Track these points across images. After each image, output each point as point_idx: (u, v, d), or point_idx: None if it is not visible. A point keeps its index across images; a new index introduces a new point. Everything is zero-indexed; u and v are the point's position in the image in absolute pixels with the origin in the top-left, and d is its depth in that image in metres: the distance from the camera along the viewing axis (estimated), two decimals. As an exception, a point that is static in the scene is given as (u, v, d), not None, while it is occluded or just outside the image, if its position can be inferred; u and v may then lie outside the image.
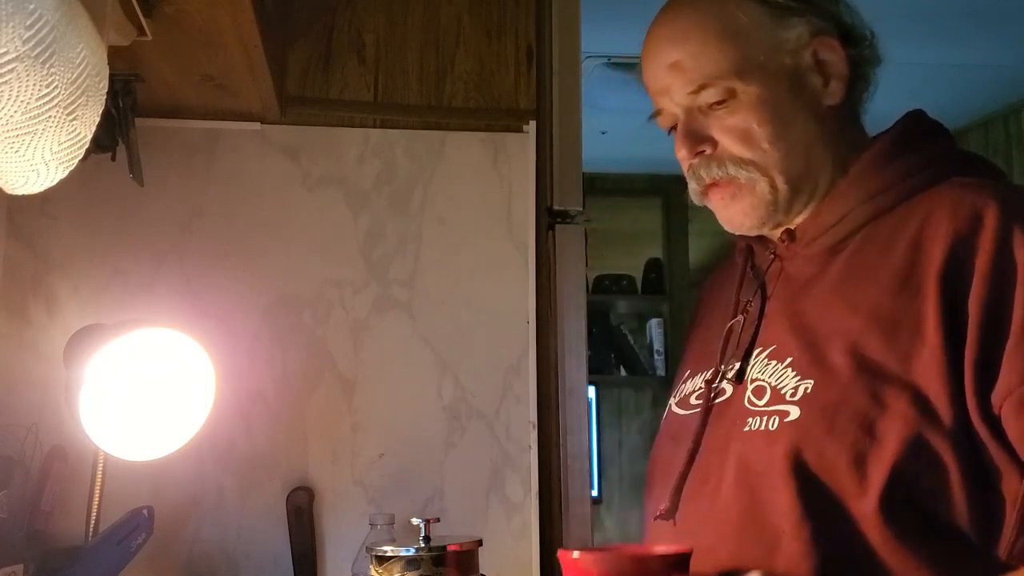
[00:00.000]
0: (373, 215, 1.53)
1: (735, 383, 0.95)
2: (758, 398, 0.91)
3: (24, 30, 0.71)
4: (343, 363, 1.48)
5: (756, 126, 0.94)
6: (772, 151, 0.94)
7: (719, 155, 0.96)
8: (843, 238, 0.94)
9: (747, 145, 0.94)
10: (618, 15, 2.51)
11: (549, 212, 1.58)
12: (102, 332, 1.19)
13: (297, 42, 1.56)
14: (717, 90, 0.94)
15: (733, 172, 0.95)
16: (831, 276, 0.93)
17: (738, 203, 0.97)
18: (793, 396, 0.87)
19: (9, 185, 0.84)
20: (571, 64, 1.64)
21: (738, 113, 0.94)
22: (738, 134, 0.94)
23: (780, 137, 0.94)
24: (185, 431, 1.23)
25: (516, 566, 1.46)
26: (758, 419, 0.89)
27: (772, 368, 0.91)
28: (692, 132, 0.97)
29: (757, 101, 0.94)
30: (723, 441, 0.92)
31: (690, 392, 1.03)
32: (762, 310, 0.98)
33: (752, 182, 0.95)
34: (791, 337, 0.91)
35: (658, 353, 4.20)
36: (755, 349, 0.95)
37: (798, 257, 0.97)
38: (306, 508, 1.42)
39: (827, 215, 0.95)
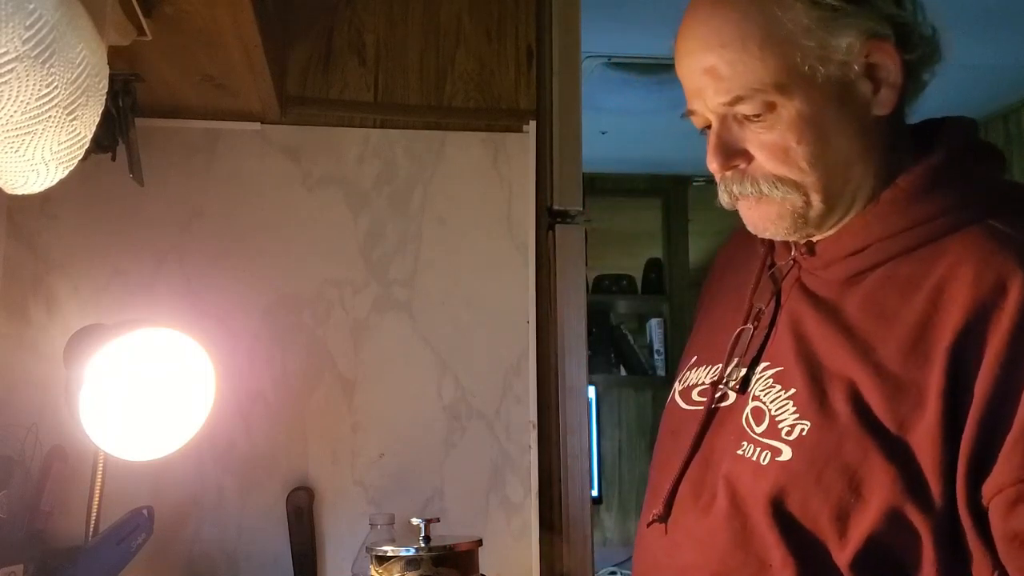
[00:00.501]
0: (373, 215, 1.53)
1: (738, 391, 0.94)
2: (756, 423, 0.89)
3: (24, 30, 0.71)
4: (343, 363, 1.48)
5: (795, 144, 0.87)
6: (810, 172, 0.87)
7: (752, 171, 0.90)
8: (862, 271, 0.90)
9: (784, 164, 0.88)
10: (618, 15, 2.52)
11: (549, 212, 1.58)
12: (102, 332, 1.19)
13: (297, 42, 1.56)
14: (755, 103, 0.86)
15: (767, 190, 0.89)
16: (845, 312, 0.89)
17: (765, 208, 0.91)
18: (788, 435, 0.86)
19: (9, 185, 0.84)
20: (571, 64, 1.64)
21: (776, 129, 0.87)
22: (775, 151, 0.88)
23: (819, 157, 0.87)
24: (185, 431, 1.23)
25: (516, 566, 1.46)
26: (752, 448, 0.88)
27: (775, 393, 0.89)
28: (725, 145, 0.90)
29: (798, 117, 0.86)
30: (719, 454, 0.92)
31: (694, 385, 1.01)
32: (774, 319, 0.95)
33: (785, 199, 0.89)
34: (797, 366, 0.89)
35: (658, 353, 4.19)
36: (762, 361, 0.93)
37: (815, 274, 0.94)
38: (306, 508, 1.42)
39: (848, 241, 0.91)
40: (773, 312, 0.96)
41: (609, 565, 3.71)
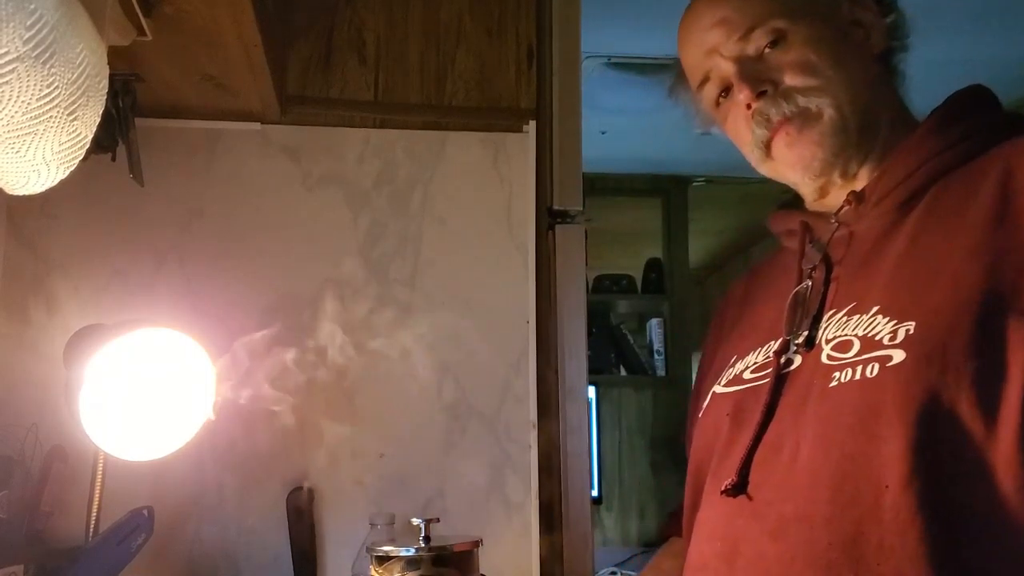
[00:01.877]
0: (373, 215, 1.53)
1: (805, 350, 0.88)
2: (843, 352, 0.83)
3: (24, 30, 0.71)
4: (343, 363, 1.48)
5: (815, 57, 0.92)
6: (836, 76, 0.92)
7: (783, 91, 0.93)
8: (914, 193, 0.89)
9: (811, 74, 0.92)
10: (618, 15, 2.52)
11: (549, 212, 1.58)
12: (102, 332, 1.19)
13: (297, 42, 1.56)
14: (766, 31, 0.94)
15: (803, 103, 0.92)
16: (906, 228, 0.87)
17: (807, 135, 0.93)
18: (893, 340, 0.79)
19: (10, 186, 0.84)
20: (571, 64, 1.64)
21: (793, 48, 0.93)
22: (799, 67, 0.93)
23: (841, 66, 0.92)
24: (185, 431, 1.23)
25: (516, 566, 1.46)
26: (848, 371, 0.81)
27: (856, 321, 0.84)
28: (750, 74, 0.95)
29: (809, 39, 0.93)
30: (798, 407, 0.85)
31: (743, 369, 0.96)
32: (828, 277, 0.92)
33: (821, 109, 0.92)
34: (873, 289, 0.85)
35: (658, 353, 4.19)
36: (826, 312, 0.89)
37: (866, 218, 0.92)
38: (306, 508, 1.42)
39: (895, 171, 0.91)
40: (826, 272, 0.93)
41: (609, 565, 3.71)
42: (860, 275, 0.89)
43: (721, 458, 0.91)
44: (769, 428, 0.86)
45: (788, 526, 0.79)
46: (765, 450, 0.85)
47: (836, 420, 0.80)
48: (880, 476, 0.75)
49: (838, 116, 0.92)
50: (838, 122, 0.92)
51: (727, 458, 0.89)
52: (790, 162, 0.95)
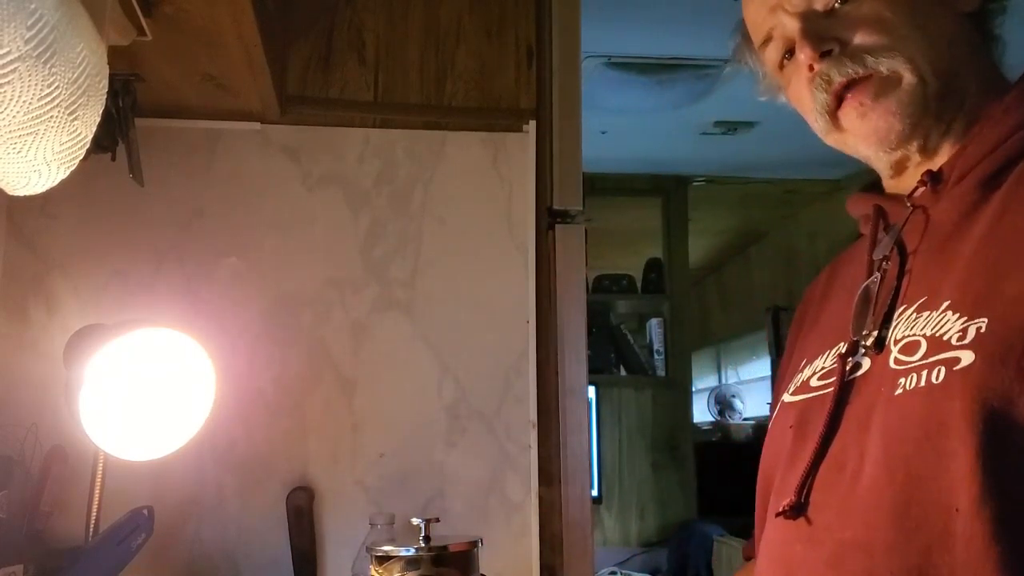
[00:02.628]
0: (373, 215, 1.53)
1: (874, 352, 0.78)
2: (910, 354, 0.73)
3: (26, 30, 0.71)
4: (343, 363, 1.48)
5: (891, 14, 0.81)
6: (914, 35, 0.80)
7: (852, 51, 0.82)
8: (999, 169, 0.78)
9: (884, 32, 0.81)
10: (618, 15, 2.52)
11: (549, 212, 1.58)
12: (102, 332, 1.19)
13: (297, 42, 1.56)
14: None
15: (872, 64, 0.81)
16: (990, 208, 0.76)
17: (883, 102, 0.81)
18: (962, 339, 0.69)
19: (11, 186, 0.84)
20: (571, 64, 1.64)
21: (866, 3, 0.82)
22: (872, 23, 0.81)
23: (919, 26, 0.81)
24: (185, 431, 1.23)
25: (516, 566, 1.46)
26: (914, 376, 0.71)
27: (925, 319, 0.75)
28: (814, 31, 0.83)
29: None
30: (863, 419, 0.75)
31: (811, 375, 0.86)
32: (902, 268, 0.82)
33: (896, 73, 0.81)
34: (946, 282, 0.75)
35: (658, 353, 4.19)
36: (898, 309, 0.79)
37: (944, 199, 0.81)
38: (306, 508, 1.42)
39: (978, 146, 0.80)
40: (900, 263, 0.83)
41: (609, 565, 3.72)
42: (935, 265, 0.78)
43: (784, 475, 0.83)
44: (833, 442, 0.77)
45: (846, 554, 0.71)
46: (828, 467, 0.76)
47: (900, 433, 0.70)
48: (949, 498, 0.66)
49: (917, 81, 0.80)
50: (917, 88, 0.80)
51: (789, 475, 0.81)
52: (863, 134, 0.84)
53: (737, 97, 3.15)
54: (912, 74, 0.80)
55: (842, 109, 0.84)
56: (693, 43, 2.79)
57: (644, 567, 3.83)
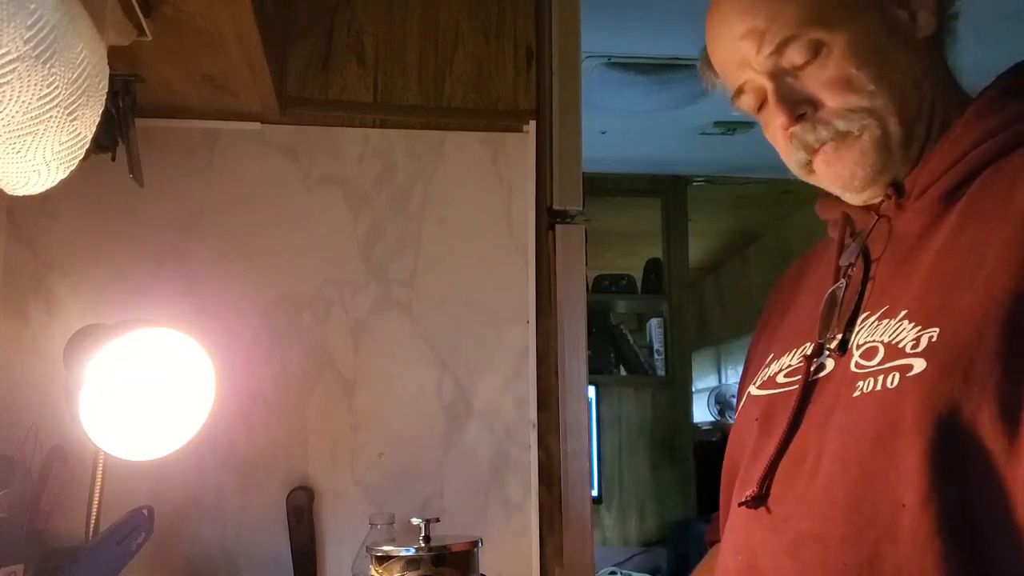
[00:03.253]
0: (373, 215, 1.53)
1: (838, 355, 0.83)
2: (869, 359, 0.78)
3: (25, 30, 0.71)
4: (343, 363, 1.48)
5: (855, 70, 0.84)
6: (879, 92, 0.84)
7: (822, 115, 0.86)
8: (958, 183, 0.82)
9: (851, 92, 0.84)
10: (618, 15, 2.52)
11: (549, 212, 1.58)
12: (102, 332, 1.19)
13: (297, 42, 1.56)
14: (802, 44, 0.85)
15: (844, 127, 0.85)
16: (948, 222, 0.80)
17: (847, 153, 0.86)
18: (915, 348, 0.73)
19: (10, 186, 0.84)
20: (571, 64, 1.64)
21: (833, 63, 0.85)
22: (838, 84, 0.85)
23: (884, 77, 0.84)
24: (185, 431, 1.23)
25: (516, 566, 1.47)
26: (871, 380, 0.76)
27: (884, 326, 0.79)
28: (787, 95, 0.87)
29: (849, 46, 0.84)
30: (824, 418, 0.80)
31: (777, 371, 0.91)
32: (866, 275, 0.87)
33: (860, 130, 0.85)
34: (905, 292, 0.79)
35: (658, 353, 4.19)
36: (861, 315, 0.83)
37: (907, 211, 0.86)
38: (306, 508, 1.42)
39: (939, 161, 0.84)
40: (864, 270, 0.87)
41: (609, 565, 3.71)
42: (897, 275, 0.83)
43: (748, 466, 0.88)
44: (795, 438, 0.82)
45: (804, 544, 0.76)
46: (789, 461, 0.81)
47: (856, 433, 0.75)
48: (898, 495, 0.70)
49: (880, 134, 0.85)
50: (880, 139, 0.85)
51: (753, 466, 0.86)
52: (829, 179, 0.90)
53: (737, 97, 3.14)
54: (877, 127, 0.85)
55: (814, 160, 0.89)
56: (693, 43, 2.77)
57: (643, 567, 3.83)
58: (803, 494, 0.78)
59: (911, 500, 0.69)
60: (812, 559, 0.75)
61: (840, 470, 0.75)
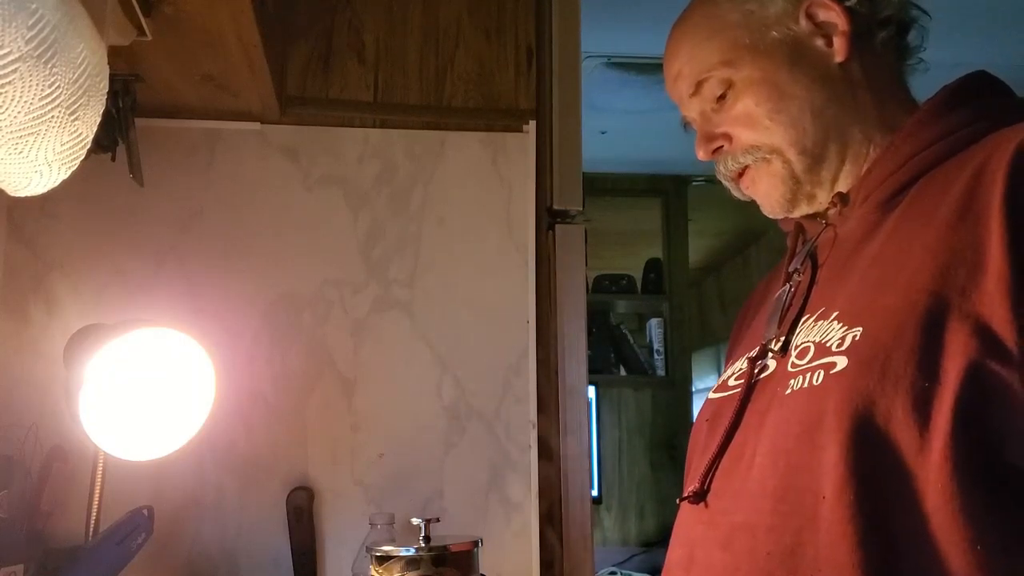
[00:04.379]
0: (373, 215, 1.53)
1: (779, 356, 0.88)
2: (801, 358, 0.83)
3: (27, 30, 0.71)
4: (343, 363, 1.48)
5: (755, 106, 0.94)
6: (774, 127, 0.93)
7: (733, 148, 0.97)
8: (897, 191, 0.87)
9: (752, 128, 0.94)
10: (618, 15, 2.52)
11: (549, 212, 1.58)
12: (102, 332, 1.19)
13: (297, 42, 1.56)
14: (713, 83, 0.96)
15: (744, 160, 0.96)
16: (885, 228, 0.86)
17: (760, 184, 0.97)
18: (840, 346, 0.78)
19: (12, 187, 0.84)
20: (571, 64, 1.64)
21: (739, 100, 0.95)
22: (742, 120, 0.95)
23: (779, 111, 0.93)
24: (185, 431, 1.23)
25: (516, 566, 1.47)
26: (801, 377, 0.81)
27: (818, 327, 0.84)
28: (705, 133, 0.99)
29: (750, 83, 0.94)
30: (761, 416, 0.85)
31: (729, 375, 0.97)
32: (812, 280, 0.93)
33: (765, 162, 0.95)
34: (839, 295, 0.85)
35: (658, 353, 4.19)
36: (803, 317, 0.89)
37: (851, 219, 0.92)
38: (306, 508, 1.42)
39: (880, 170, 0.90)
40: (811, 274, 0.93)
41: (609, 565, 3.71)
42: (836, 279, 0.89)
43: (695, 464, 0.94)
44: (736, 435, 0.87)
45: (735, 535, 0.80)
46: (728, 458, 0.87)
47: (785, 428, 0.80)
48: (819, 486, 0.74)
49: (782, 163, 0.94)
50: (783, 168, 0.94)
51: (698, 464, 0.91)
52: (762, 207, 1.00)
53: (737, 97, 3.14)
54: (777, 159, 0.94)
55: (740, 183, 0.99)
56: (693, 43, 2.78)
57: (643, 567, 3.83)
58: (739, 489, 0.83)
59: (829, 491, 0.73)
60: (742, 549, 0.79)
61: (770, 463, 0.80)
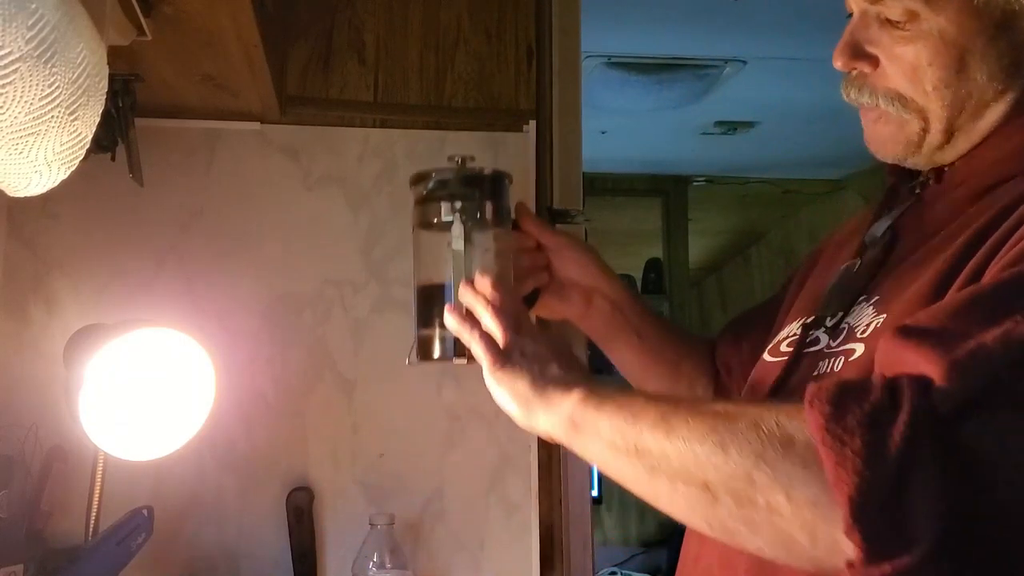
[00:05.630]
0: (373, 215, 1.53)
1: (830, 333, 0.83)
2: (835, 340, 0.81)
3: (27, 30, 0.71)
4: (343, 363, 1.48)
5: (927, 65, 0.80)
6: (935, 97, 0.81)
7: (873, 81, 0.84)
8: (991, 184, 0.80)
9: (909, 81, 0.82)
10: (618, 15, 2.52)
11: (549, 212, 1.58)
12: (102, 332, 1.19)
13: (297, 42, 1.56)
14: (898, 7, 0.81)
15: (883, 105, 0.84)
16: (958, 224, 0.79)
17: (882, 128, 0.85)
18: (863, 333, 0.76)
19: (12, 187, 0.84)
20: (571, 64, 1.64)
21: (914, 43, 0.81)
22: (904, 66, 0.82)
23: (949, 85, 0.81)
24: (185, 431, 1.23)
25: (516, 566, 1.46)
26: (827, 361, 0.79)
27: (860, 309, 0.81)
28: (854, 43, 0.85)
29: (939, 35, 0.80)
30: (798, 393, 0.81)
31: (783, 338, 0.92)
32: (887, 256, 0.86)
33: (902, 119, 0.84)
34: (890, 281, 0.81)
35: (658, 353, 4.19)
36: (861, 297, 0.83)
37: (941, 200, 0.85)
38: (306, 508, 1.42)
39: (980, 159, 0.82)
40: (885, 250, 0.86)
41: (609, 565, 3.72)
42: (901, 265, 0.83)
43: None
44: None
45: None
46: None
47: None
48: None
49: (918, 132, 0.84)
50: (915, 137, 0.84)
51: None
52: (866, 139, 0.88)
53: (737, 97, 3.14)
54: (917, 123, 0.83)
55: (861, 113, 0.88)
56: (693, 43, 2.79)
57: (644, 567, 3.84)
58: None
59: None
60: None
61: None
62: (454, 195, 1.10)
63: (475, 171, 1.12)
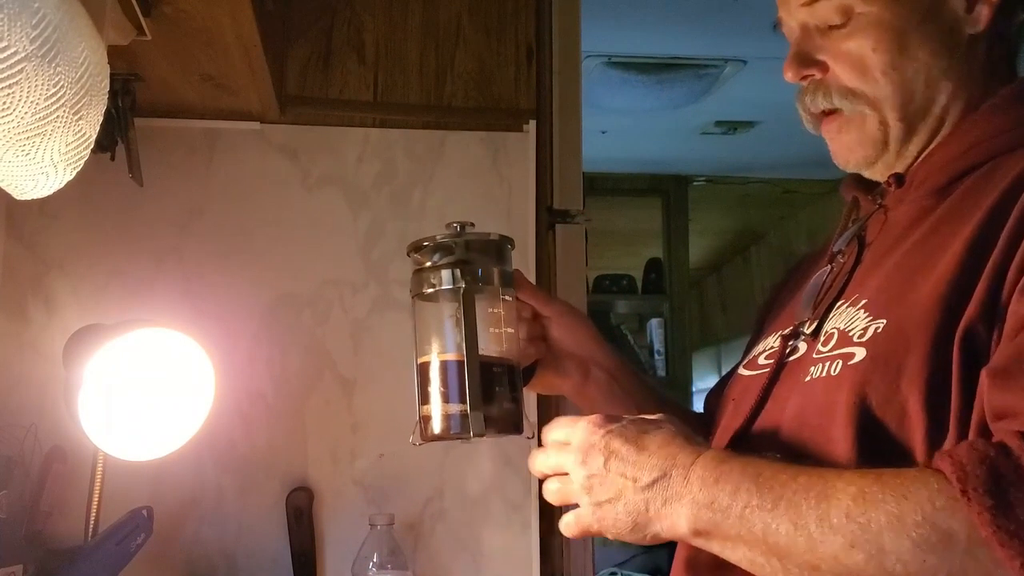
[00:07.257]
0: (373, 215, 1.52)
1: (810, 339, 0.84)
2: (824, 345, 0.80)
3: (31, 29, 0.71)
4: (343, 363, 1.48)
5: (871, 52, 0.83)
6: (885, 83, 0.83)
7: (826, 83, 0.86)
8: (953, 178, 0.82)
9: (858, 73, 0.84)
10: (618, 15, 2.52)
11: (549, 212, 1.58)
12: (102, 332, 1.19)
13: (297, 42, 1.56)
14: (833, 6, 0.84)
15: (839, 103, 0.85)
16: (934, 217, 0.80)
17: (845, 136, 0.87)
18: (862, 337, 0.76)
19: (19, 190, 0.84)
20: (571, 64, 1.64)
21: (855, 37, 0.83)
22: (850, 60, 0.84)
23: (896, 67, 0.83)
24: (185, 431, 1.23)
25: (516, 566, 1.46)
26: (820, 366, 0.78)
27: (847, 314, 0.80)
28: (801, 53, 0.87)
29: (877, 23, 0.82)
30: (784, 401, 0.82)
31: (760, 352, 0.92)
32: (857, 262, 0.87)
33: (861, 116, 0.85)
34: (873, 281, 0.81)
35: (658, 353, 4.19)
36: (839, 302, 0.84)
37: (904, 203, 0.86)
38: (306, 508, 1.42)
39: (941, 155, 0.84)
40: (855, 256, 0.88)
41: (609, 565, 3.71)
42: (877, 265, 0.84)
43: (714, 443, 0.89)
44: (759, 418, 0.84)
45: None
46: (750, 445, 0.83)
47: (801, 418, 0.78)
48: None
49: (878, 127, 0.85)
50: (876, 133, 0.85)
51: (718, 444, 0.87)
52: (833, 153, 0.90)
53: (737, 97, 3.14)
54: (875, 119, 0.85)
55: (821, 128, 0.89)
56: (693, 43, 2.79)
57: (644, 567, 3.83)
58: None
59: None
60: None
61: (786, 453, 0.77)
62: (457, 263, 1.02)
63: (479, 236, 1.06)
